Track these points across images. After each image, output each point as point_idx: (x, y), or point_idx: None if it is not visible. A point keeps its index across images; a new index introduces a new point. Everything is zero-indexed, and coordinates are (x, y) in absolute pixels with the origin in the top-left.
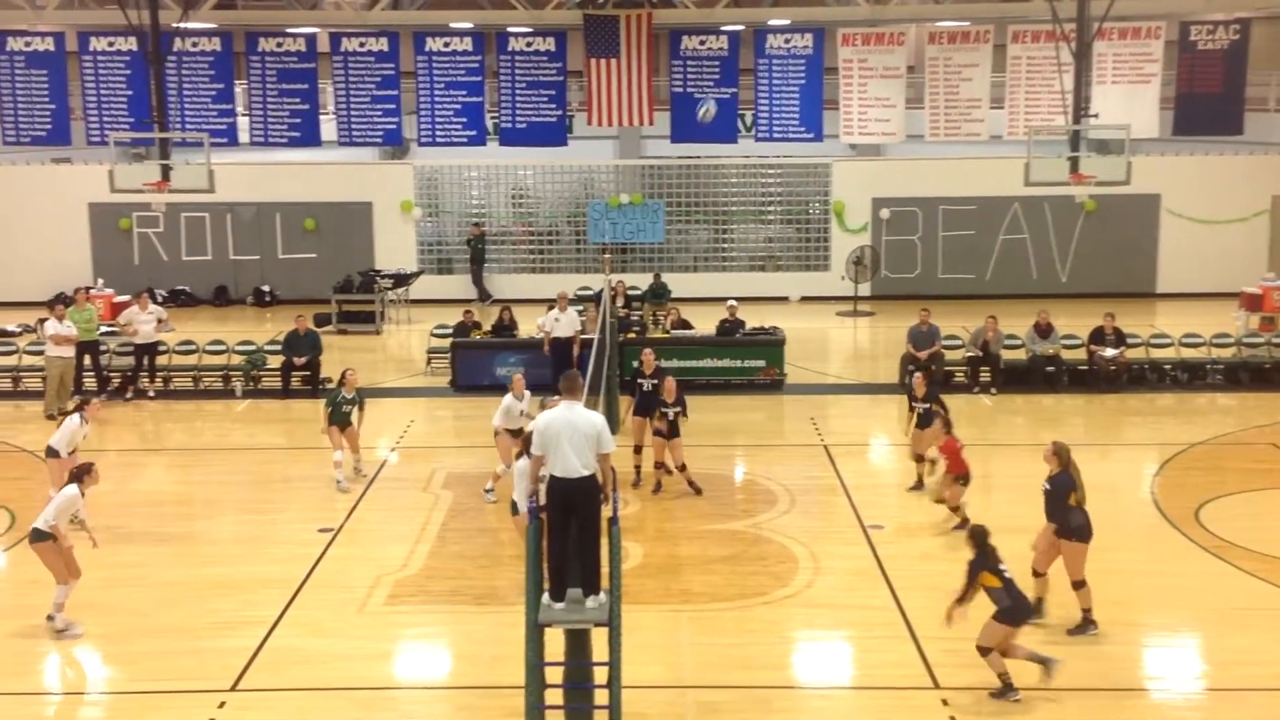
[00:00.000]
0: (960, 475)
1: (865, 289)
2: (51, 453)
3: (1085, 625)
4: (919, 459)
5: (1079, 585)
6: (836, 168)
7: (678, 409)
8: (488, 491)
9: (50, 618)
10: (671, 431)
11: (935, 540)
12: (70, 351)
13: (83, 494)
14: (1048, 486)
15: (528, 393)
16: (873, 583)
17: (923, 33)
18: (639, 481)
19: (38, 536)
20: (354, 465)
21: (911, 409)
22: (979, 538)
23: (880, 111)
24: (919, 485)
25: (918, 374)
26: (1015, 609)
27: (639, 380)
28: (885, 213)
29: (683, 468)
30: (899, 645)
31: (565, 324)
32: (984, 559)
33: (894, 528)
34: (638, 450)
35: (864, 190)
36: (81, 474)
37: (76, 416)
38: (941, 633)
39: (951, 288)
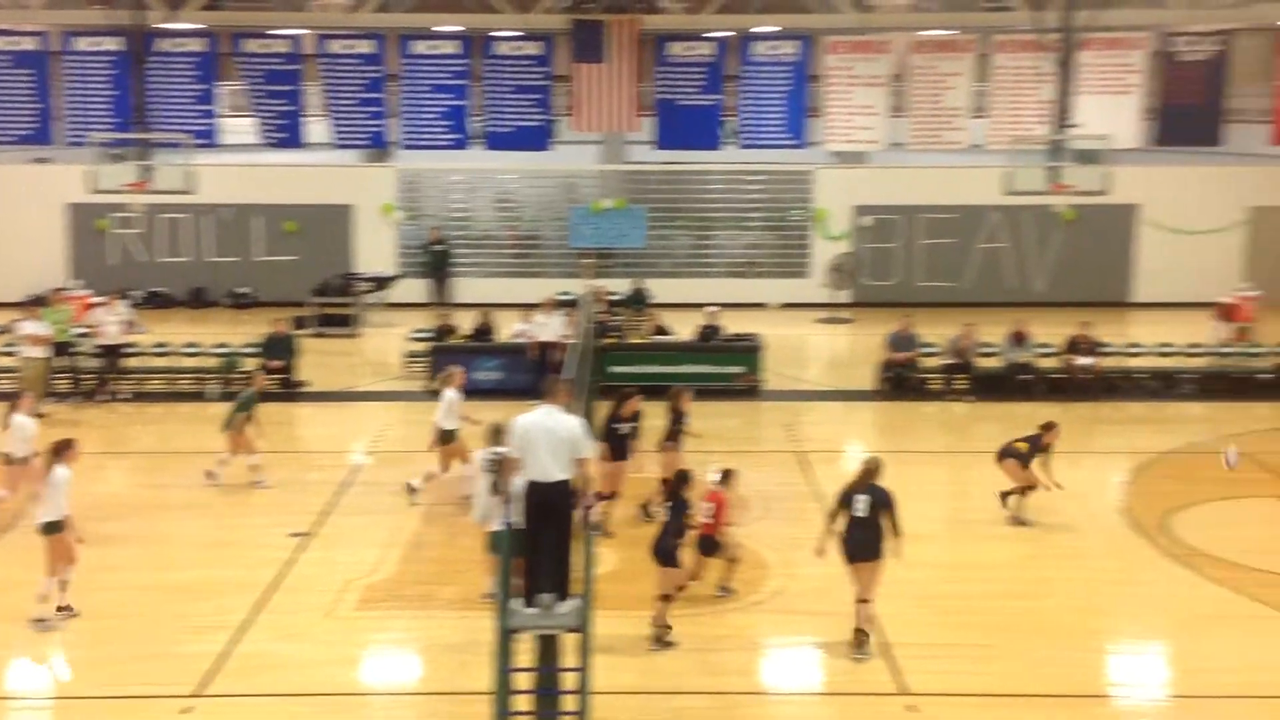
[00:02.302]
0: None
1: (845, 296)
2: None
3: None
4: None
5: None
6: (819, 175)
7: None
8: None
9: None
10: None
11: (907, 547)
12: (46, 352)
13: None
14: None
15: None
16: (844, 589)
17: (908, 41)
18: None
19: (51, 529)
20: (221, 461)
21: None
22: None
23: (863, 119)
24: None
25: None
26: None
27: (615, 425)
28: (866, 220)
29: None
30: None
31: (551, 328)
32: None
33: None
34: (606, 497)
35: (846, 198)
36: (62, 451)
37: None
38: (910, 638)
39: (930, 295)
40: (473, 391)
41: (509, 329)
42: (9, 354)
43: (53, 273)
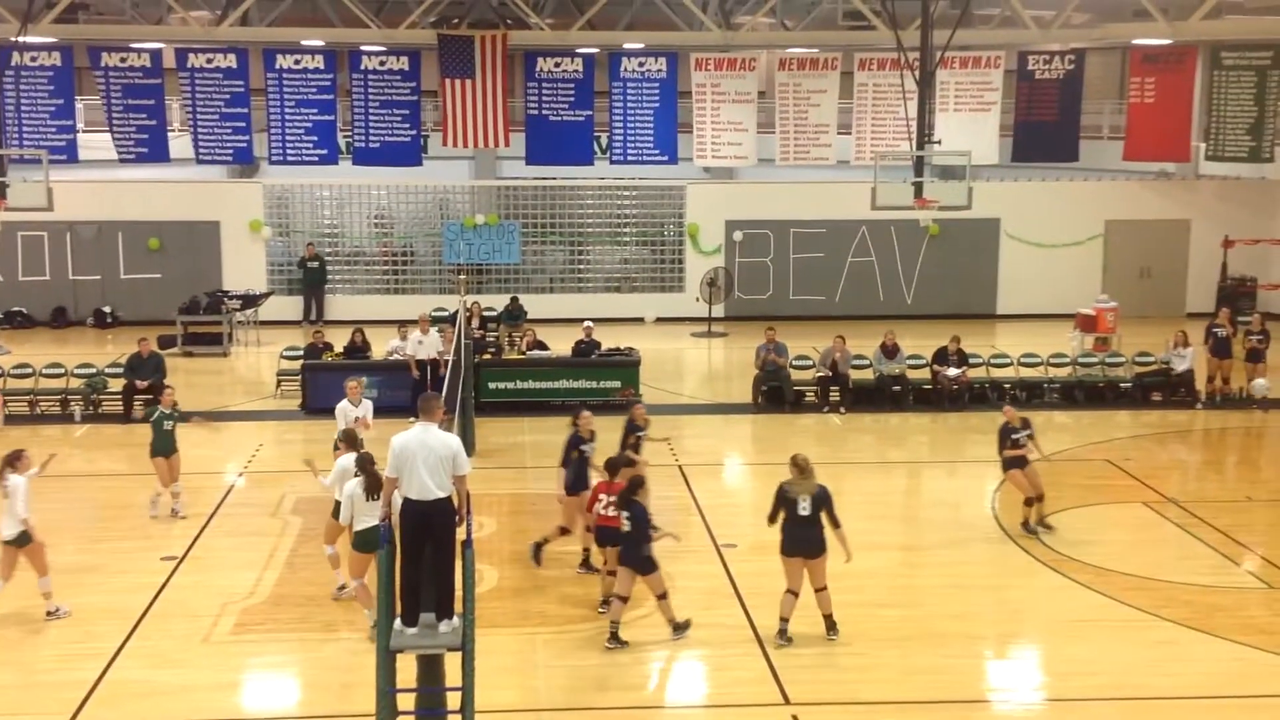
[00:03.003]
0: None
1: (719, 310)
2: None
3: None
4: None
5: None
6: (691, 190)
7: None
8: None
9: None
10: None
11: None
12: None
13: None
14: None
15: (366, 400)
16: (726, 601)
17: (773, 59)
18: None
19: (24, 540)
20: (174, 494)
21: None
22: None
23: (733, 135)
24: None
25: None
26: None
27: (581, 448)
28: (738, 235)
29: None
30: (751, 661)
31: (428, 346)
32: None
33: (747, 545)
34: (565, 532)
35: (718, 213)
36: (14, 461)
37: None
38: (791, 648)
39: (802, 309)
40: None
41: (383, 346)
42: None
43: None
